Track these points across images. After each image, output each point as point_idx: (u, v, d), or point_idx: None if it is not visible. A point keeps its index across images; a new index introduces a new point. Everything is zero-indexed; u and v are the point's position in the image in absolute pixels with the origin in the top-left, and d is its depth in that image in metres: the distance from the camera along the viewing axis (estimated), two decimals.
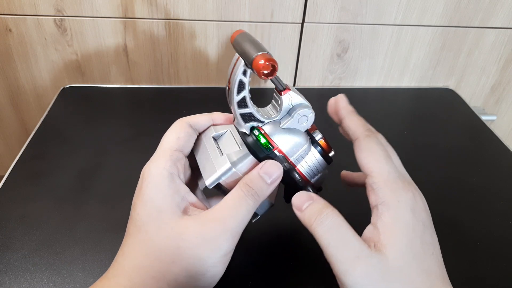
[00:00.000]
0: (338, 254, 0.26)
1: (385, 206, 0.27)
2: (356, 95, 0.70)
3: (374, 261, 0.26)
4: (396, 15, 0.64)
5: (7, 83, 0.66)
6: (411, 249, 0.26)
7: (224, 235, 0.27)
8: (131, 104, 0.64)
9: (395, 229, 0.27)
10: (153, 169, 0.30)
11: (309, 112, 0.31)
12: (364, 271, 0.26)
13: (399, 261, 0.26)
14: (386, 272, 0.26)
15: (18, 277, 0.36)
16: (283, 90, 0.30)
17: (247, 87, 0.30)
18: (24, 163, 0.50)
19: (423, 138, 0.58)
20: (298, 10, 0.62)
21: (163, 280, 0.27)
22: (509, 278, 0.38)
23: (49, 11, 0.60)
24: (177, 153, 0.31)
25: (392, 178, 0.28)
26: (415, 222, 0.27)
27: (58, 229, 0.41)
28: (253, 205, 0.29)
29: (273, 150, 0.31)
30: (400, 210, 0.27)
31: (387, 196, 0.28)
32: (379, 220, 0.27)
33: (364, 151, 0.30)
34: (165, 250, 0.27)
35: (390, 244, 0.26)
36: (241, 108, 0.30)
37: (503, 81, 0.74)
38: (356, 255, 0.26)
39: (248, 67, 0.29)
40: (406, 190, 0.28)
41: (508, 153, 0.56)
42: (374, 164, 0.29)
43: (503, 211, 0.46)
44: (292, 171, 0.31)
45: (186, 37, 0.64)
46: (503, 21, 0.66)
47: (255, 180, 0.29)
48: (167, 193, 0.29)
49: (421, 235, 0.27)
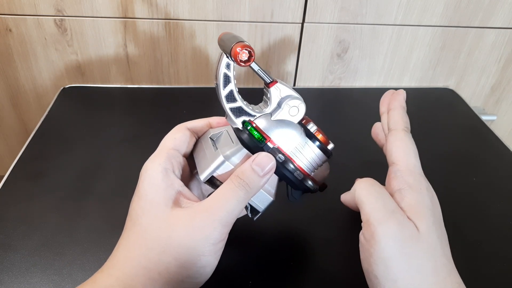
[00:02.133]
0: (378, 204, 0.29)
1: (409, 189, 0.29)
2: (356, 95, 0.70)
3: (407, 223, 0.28)
4: (396, 15, 0.64)
5: (7, 83, 0.66)
6: (436, 230, 0.28)
7: (212, 224, 0.28)
8: (131, 104, 0.64)
9: (420, 209, 0.29)
10: (148, 166, 0.31)
11: (299, 103, 0.32)
12: (397, 224, 0.27)
13: (428, 239, 0.28)
14: (417, 239, 0.27)
15: (18, 277, 0.36)
16: (271, 83, 0.31)
17: (233, 81, 0.31)
18: (24, 163, 0.50)
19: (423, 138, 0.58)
20: (298, 10, 0.62)
21: (155, 270, 0.27)
22: (509, 278, 0.38)
23: (49, 11, 0.60)
24: (173, 151, 0.32)
25: (417, 171, 0.31)
26: (434, 209, 0.29)
27: (58, 229, 0.41)
28: (244, 196, 0.29)
29: (266, 142, 0.31)
30: (422, 195, 0.29)
31: (411, 182, 0.30)
32: (403, 201, 0.29)
33: (398, 141, 0.32)
34: (157, 240, 0.28)
35: (419, 220, 0.28)
36: (229, 103, 0.31)
37: (503, 81, 0.74)
38: (393, 209, 0.28)
39: (230, 59, 0.30)
40: (426, 183, 0.31)
41: (508, 153, 0.56)
42: (403, 155, 0.31)
43: (503, 211, 0.46)
44: (288, 163, 0.31)
45: (186, 37, 0.64)
46: (503, 21, 0.66)
47: (246, 172, 0.29)
48: (160, 187, 0.29)
49: (439, 222, 0.29)
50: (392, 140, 0.33)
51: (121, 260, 0.28)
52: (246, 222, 0.37)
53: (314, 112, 0.68)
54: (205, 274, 0.29)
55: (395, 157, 0.32)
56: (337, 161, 0.34)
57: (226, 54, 0.30)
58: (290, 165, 0.31)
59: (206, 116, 0.38)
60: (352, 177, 0.36)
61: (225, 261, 0.38)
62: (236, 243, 0.40)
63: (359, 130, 0.43)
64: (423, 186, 0.30)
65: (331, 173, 0.36)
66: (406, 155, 0.31)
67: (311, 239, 0.30)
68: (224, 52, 0.30)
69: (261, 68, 0.31)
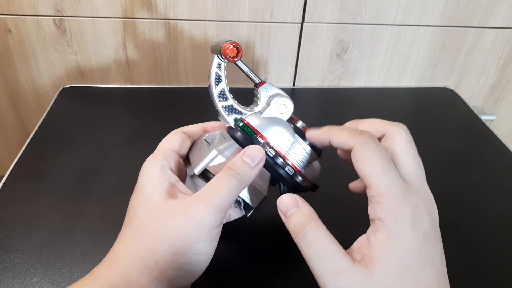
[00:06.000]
0: (319, 269, 0.26)
1: (381, 222, 0.26)
2: (355, 95, 0.70)
3: (355, 276, 0.26)
4: (395, 15, 0.64)
5: (7, 83, 0.66)
6: (403, 264, 0.26)
7: (206, 210, 0.28)
8: (131, 104, 0.64)
9: (388, 246, 0.26)
10: (146, 164, 0.32)
11: (287, 100, 0.34)
12: (343, 285, 0.25)
13: (387, 277, 0.25)
14: (370, 287, 0.25)
15: (18, 277, 0.36)
16: (260, 83, 0.34)
17: (224, 80, 0.33)
18: (23, 163, 0.50)
19: (423, 138, 0.58)
20: (297, 10, 0.62)
21: (151, 258, 0.28)
22: (509, 278, 0.38)
23: (49, 11, 0.60)
24: (170, 151, 0.33)
25: (392, 192, 0.27)
26: (413, 236, 0.26)
27: (58, 229, 0.41)
28: (236, 185, 0.30)
29: (256, 137, 0.32)
30: (397, 226, 0.26)
31: (384, 212, 0.27)
32: (373, 236, 0.27)
33: (360, 162, 0.28)
34: (153, 229, 0.29)
35: (381, 260, 0.26)
36: (221, 101, 0.33)
37: (503, 81, 0.74)
38: (335, 269, 0.26)
39: (220, 59, 0.33)
40: (405, 204, 0.27)
41: (508, 153, 0.56)
42: (372, 176, 0.27)
43: (503, 211, 0.46)
44: (278, 157, 0.32)
45: (186, 37, 0.64)
46: (502, 21, 0.67)
47: (238, 163, 0.30)
48: (156, 181, 0.31)
49: (419, 248, 0.26)
50: (355, 164, 0.28)
51: (118, 253, 0.29)
52: (246, 222, 0.37)
53: (314, 112, 0.68)
54: (201, 262, 0.29)
55: (365, 182, 0.28)
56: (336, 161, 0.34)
57: (217, 54, 0.32)
58: (280, 160, 0.32)
59: (205, 116, 0.38)
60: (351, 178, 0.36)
61: (225, 261, 0.38)
62: (236, 243, 0.40)
63: None
64: (399, 214, 0.26)
65: (330, 174, 0.36)
66: (374, 176, 0.27)
67: None
68: (215, 54, 0.33)
69: (250, 70, 0.33)
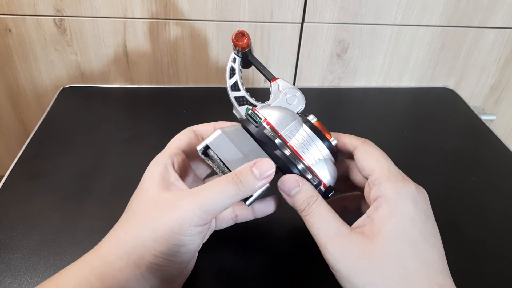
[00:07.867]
0: (320, 232, 0.29)
1: (384, 198, 0.29)
2: (355, 95, 0.70)
3: (353, 240, 0.28)
4: (395, 15, 0.64)
5: (7, 83, 0.66)
6: (407, 237, 0.27)
7: (191, 206, 0.28)
8: (131, 104, 0.64)
9: (391, 218, 0.28)
10: (152, 163, 0.33)
11: (296, 92, 0.35)
12: (341, 246, 0.28)
13: (390, 247, 0.27)
14: (370, 253, 0.27)
15: (18, 277, 0.36)
16: (273, 79, 0.36)
17: (238, 73, 0.36)
18: (24, 163, 0.50)
19: (423, 138, 0.58)
20: (297, 10, 0.62)
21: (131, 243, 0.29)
22: (509, 278, 0.38)
23: (49, 11, 0.60)
24: (175, 151, 0.34)
25: (393, 173, 0.30)
26: (416, 212, 0.28)
27: (58, 229, 0.41)
28: (234, 193, 0.29)
29: (262, 122, 0.32)
30: (400, 201, 0.29)
31: (388, 189, 0.29)
32: (375, 212, 0.29)
33: (364, 154, 0.32)
34: (139, 217, 0.30)
35: (382, 231, 0.28)
36: (234, 91, 0.36)
37: (503, 81, 0.74)
38: (335, 232, 0.28)
39: (235, 54, 0.36)
40: (407, 183, 0.30)
41: (508, 153, 0.56)
42: (374, 164, 0.31)
43: (503, 211, 0.46)
44: (285, 147, 0.31)
45: (186, 37, 0.64)
46: (502, 21, 0.67)
47: (244, 172, 0.30)
48: (156, 178, 0.31)
49: (422, 225, 0.28)
50: (359, 156, 0.32)
51: (106, 239, 0.30)
52: (246, 222, 0.37)
53: (314, 112, 0.67)
54: (180, 255, 0.29)
55: (368, 169, 0.31)
56: None
57: (233, 50, 0.35)
58: (286, 149, 0.31)
59: (205, 115, 0.39)
60: None
61: (225, 261, 0.38)
62: (237, 243, 0.40)
63: (359, 130, 0.43)
64: (402, 189, 0.29)
65: None
66: (378, 162, 0.31)
67: (311, 239, 0.30)
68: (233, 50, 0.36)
69: (265, 67, 0.36)
